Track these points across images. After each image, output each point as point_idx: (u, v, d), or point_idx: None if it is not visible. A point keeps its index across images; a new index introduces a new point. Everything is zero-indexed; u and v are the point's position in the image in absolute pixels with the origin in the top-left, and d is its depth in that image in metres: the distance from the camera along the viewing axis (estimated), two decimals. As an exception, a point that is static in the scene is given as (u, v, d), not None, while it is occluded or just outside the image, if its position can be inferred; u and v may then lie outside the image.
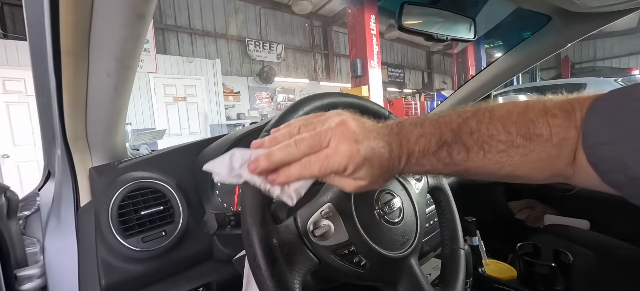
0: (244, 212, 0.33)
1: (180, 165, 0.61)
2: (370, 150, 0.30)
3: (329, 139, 0.30)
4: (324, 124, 0.31)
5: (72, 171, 0.55)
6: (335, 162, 0.30)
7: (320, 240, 0.36)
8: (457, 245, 0.51)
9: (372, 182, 0.32)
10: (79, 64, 0.37)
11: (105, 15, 0.32)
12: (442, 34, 0.72)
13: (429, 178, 0.52)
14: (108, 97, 0.44)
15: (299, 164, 0.30)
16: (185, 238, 0.53)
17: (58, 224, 0.59)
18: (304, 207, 0.38)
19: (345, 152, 0.29)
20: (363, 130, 0.31)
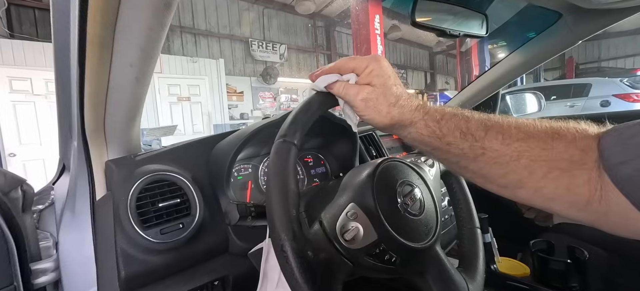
0: (274, 226, 0.32)
1: (196, 158, 0.61)
2: (392, 72, 0.37)
3: (362, 56, 0.39)
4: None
5: (89, 164, 0.55)
6: (359, 62, 0.38)
7: (351, 243, 0.36)
8: (473, 224, 0.51)
9: (384, 95, 0.36)
10: (104, 53, 0.37)
11: (132, 4, 0.32)
12: (454, 30, 0.72)
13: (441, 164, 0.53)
14: (129, 88, 0.44)
15: (334, 64, 0.40)
16: (202, 231, 0.53)
17: (73, 217, 0.59)
18: (326, 208, 0.38)
19: (370, 59, 0.37)
20: (392, 68, 0.38)
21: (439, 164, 0.52)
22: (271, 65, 7.00)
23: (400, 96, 0.36)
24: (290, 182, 0.34)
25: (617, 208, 0.26)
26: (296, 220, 0.33)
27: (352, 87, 0.37)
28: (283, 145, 0.36)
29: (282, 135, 0.37)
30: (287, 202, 0.33)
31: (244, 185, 0.70)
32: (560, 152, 0.29)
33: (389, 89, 0.36)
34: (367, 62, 0.37)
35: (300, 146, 0.37)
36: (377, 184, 0.40)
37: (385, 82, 0.36)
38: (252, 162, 0.73)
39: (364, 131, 0.89)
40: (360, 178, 0.41)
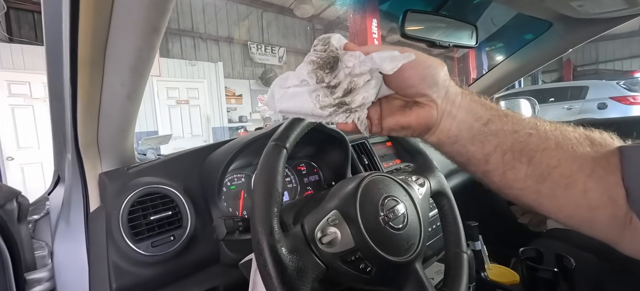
0: (254, 221, 0.34)
1: (188, 170, 0.62)
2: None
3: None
4: None
5: (83, 176, 0.56)
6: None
7: (327, 247, 0.37)
8: (460, 248, 0.51)
9: (427, 67, 0.30)
10: (95, 72, 0.38)
11: (122, 28, 0.33)
12: (444, 41, 0.73)
13: (431, 182, 0.53)
14: (121, 105, 0.45)
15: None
16: (193, 242, 0.54)
17: (67, 228, 0.60)
18: (310, 213, 0.39)
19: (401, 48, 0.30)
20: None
21: (430, 184, 0.52)
22: (270, 68, 7.02)
23: (442, 72, 0.32)
24: (275, 182, 0.36)
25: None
26: (276, 217, 0.35)
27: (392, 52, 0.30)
28: (274, 147, 0.38)
29: (275, 139, 0.39)
30: (270, 199, 0.35)
31: (237, 194, 0.71)
32: (584, 158, 0.29)
33: (430, 64, 0.31)
34: (401, 49, 0.30)
35: (291, 150, 0.39)
36: (362, 195, 0.41)
37: (422, 59, 0.31)
38: (245, 171, 0.73)
39: (356, 139, 0.90)
40: (346, 189, 0.42)
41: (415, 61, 0.29)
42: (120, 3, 0.30)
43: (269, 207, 0.34)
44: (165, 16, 0.33)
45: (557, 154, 0.30)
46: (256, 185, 0.36)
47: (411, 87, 0.31)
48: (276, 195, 0.35)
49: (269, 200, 0.34)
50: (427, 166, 0.55)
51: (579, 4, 0.72)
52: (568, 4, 0.72)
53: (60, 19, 0.33)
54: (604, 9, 0.75)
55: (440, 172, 0.56)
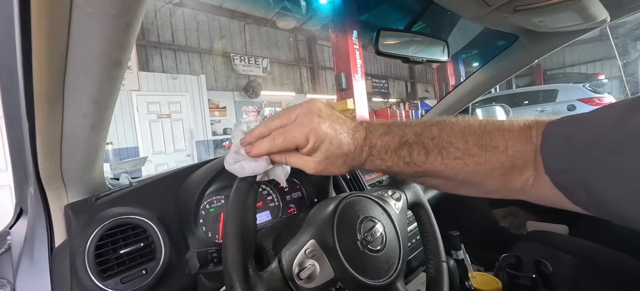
0: (226, 266, 0.32)
1: (163, 196, 0.60)
2: (331, 129, 0.34)
3: (296, 114, 0.35)
4: (296, 106, 0.36)
5: (46, 209, 0.53)
6: (297, 134, 0.34)
7: (306, 282, 0.36)
8: (439, 258, 0.52)
9: (332, 162, 0.35)
10: (54, 107, 0.36)
11: (80, 63, 0.32)
12: (417, 57, 0.75)
13: (407, 194, 0.53)
14: (85, 136, 0.43)
15: (268, 138, 0.35)
16: (168, 274, 0.51)
17: (31, 264, 0.56)
18: (288, 244, 0.38)
19: (307, 123, 0.33)
20: (330, 112, 0.35)
21: (407, 196, 0.53)
22: (254, 79, 7.00)
23: (346, 153, 0.35)
24: (247, 221, 0.35)
25: (548, 193, 0.31)
26: (250, 259, 0.33)
27: (299, 158, 0.36)
28: (241, 183, 0.37)
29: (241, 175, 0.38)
30: (242, 242, 0.33)
31: (217, 217, 0.69)
32: (493, 164, 0.33)
33: (334, 154, 0.35)
34: (304, 136, 0.33)
35: (259, 184, 0.38)
36: (339, 220, 0.41)
37: (328, 150, 0.34)
38: (224, 192, 0.72)
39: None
40: (322, 215, 0.42)
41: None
42: (77, 39, 0.29)
43: (240, 250, 0.33)
44: (127, 49, 0.32)
45: (448, 179, 0.36)
46: (226, 227, 0.34)
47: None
48: (248, 235, 0.34)
49: (241, 242, 0.33)
50: (405, 179, 0.56)
51: (540, 19, 0.77)
52: (530, 20, 0.77)
53: (14, 52, 0.32)
54: (563, 23, 0.81)
55: (416, 184, 0.57)
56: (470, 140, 0.33)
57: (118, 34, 0.29)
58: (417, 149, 0.35)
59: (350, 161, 0.36)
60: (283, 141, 0.34)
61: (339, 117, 0.36)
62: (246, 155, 0.36)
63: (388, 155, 0.36)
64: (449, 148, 0.34)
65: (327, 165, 0.35)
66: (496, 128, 0.33)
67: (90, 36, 0.29)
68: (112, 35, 0.29)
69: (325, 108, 0.36)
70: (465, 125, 0.35)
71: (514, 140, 0.32)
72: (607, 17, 0.82)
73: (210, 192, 0.66)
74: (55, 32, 0.28)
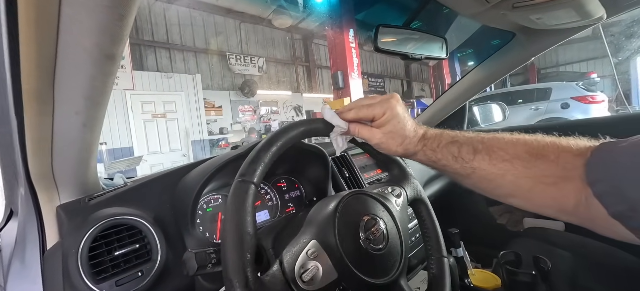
0: (226, 272, 0.31)
1: (159, 196, 0.59)
2: (402, 112, 0.43)
3: (379, 98, 0.44)
4: (380, 95, 0.45)
5: (37, 210, 0.51)
6: (378, 108, 0.43)
7: (309, 284, 0.35)
8: (441, 254, 0.52)
9: (393, 138, 0.43)
10: (43, 105, 0.35)
11: (70, 57, 0.30)
12: (416, 53, 0.75)
13: (407, 190, 0.53)
14: (77, 134, 0.42)
15: (356, 108, 0.44)
16: (164, 276, 0.50)
17: (22, 268, 0.54)
18: (289, 245, 0.37)
19: (386, 103, 0.43)
20: (404, 104, 0.44)
21: (407, 192, 0.53)
22: (250, 78, 6.96)
23: (406, 136, 0.43)
24: (246, 225, 0.33)
25: (599, 214, 0.31)
26: (250, 264, 0.32)
27: (368, 130, 0.44)
28: (241, 185, 0.36)
29: (241, 174, 0.37)
30: (242, 246, 0.32)
31: (214, 217, 0.68)
32: (542, 170, 0.33)
33: (397, 132, 0.43)
34: (383, 109, 0.43)
35: (259, 183, 0.37)
36: (340, 219, 0.40)
37: (395, 127, 0.43)
38: (221, 192, 0.70)
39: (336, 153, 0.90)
40: (323, 214, 0.41)
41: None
42: (67, 31, 0.27)
43: (241, 255, 0.31)
44: (120, 43, 0.31)
45: (494, 181, 0.37)
46: (225, 230, 0.33)
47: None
48: (248, 238, 0.33)
49: (241, 247, 0.32)
50: (402, 175, 0.55)
51: (537, 16, 0.77)
52: (527, 17, 0.77)
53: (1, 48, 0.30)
54: (560, 20, 0.81)
55: (416, 179, 0.56)
56: (520, 148, 0.35)
57: (110, 26, 0.28)
58: (466, 148, 0.38)
59: (407, 144, 0.43)
60: (366, 111, 0.43)
61: (408, 111, 0.45)
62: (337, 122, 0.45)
63: (439, 148, 0.41)
64: (497, 152, 0.36)
65: (389, 139, 0.43)
66: (550, 142, 0.35)
67: (81, 28, 0.28)
68: (104, 28, 0.28)
69: (400, 102, 0.45)
70: (518, 136, 0.37)
71: (567, 152, 0.33)
72: (604, 14, 0.82)
73: (207, 191, 0.65)
74: (44, 23, 0.26)
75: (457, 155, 0.39)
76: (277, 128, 1.24)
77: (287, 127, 0.43)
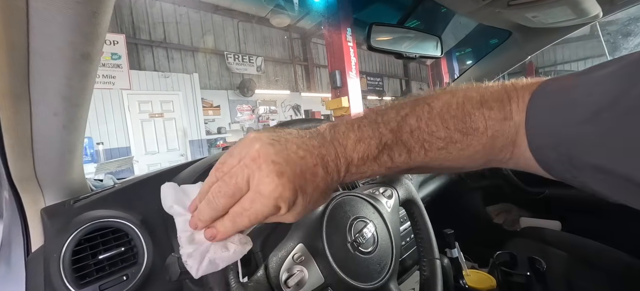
0: (206, 280, 0.30)
1: (147, 198, 0.57)
2: (299, 178, 0.26)
3: (247, 179, 0.26)
4: (239, 160, 0.26)
5: (22, 213, 0.50)
6: (262, 208, 0.26)
7: (295, 289, 0.34)
8: (433, 255, 0.51)
9: (314, 205, 0.29)
10: (20, 104, 0.34)
11: (44, 55, 0.29)
12: (410, 52, 0.74)
13: (399, 191, 0.52)
14: (58, 136, 0.41)
15: (228, 218, 0.27)
16: (151, 280, 0.49)
17: (8, 271, 0.53)
18: (274, 249, 0.36)
19: (269, 193, 0.25)
20: (285, 152, 0.26)
21: (398, 193, 0.52)
22: (248, 78, 6.93)
23: (326, 187, 0.29)
24: None
25: (523, 164, 0.29)
26: (232, 270, 0.31)
27: (276, 218, 0.28)
28: None
29: None
30: None
31: (205, 219, 0.67)
32: (475, 147, 0.30)
33: (313, 196, 0.28)
34: (272, 203, 0.26)
35: None
36: (328, 222, 0.39)
37: (305, 197, 0.27)
38: (212, 193, 0.69)
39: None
40: (311, 217, 0.40)
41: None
42: (38, 28, 0.26)
43: None
44: (96, 42, 0.30)
45: (434, 169, 0.34)
46: None
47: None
48: None
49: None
50: (394, 176, 0.54)
51: (533, 14, 0.76)
52: (523, 15, 0.76)
53: None
54: (556, 19, 0.80)
55: (409, 180, 0.55)
56: (451, 125, 0.30)
57: (83, 24, 0.27)
58: (398, 150, 0.30)
59: (329, 190, 0.30)
60: (249, 221, 0.27)
61: (297, 145, 0.27)
62: (207, 241, 0.27)
63: (367, 165, 0.30)
64: (430, 140, 0.30)
65: (310, 209, 0.29)
66: (475, 105, 0.30)
67: (52, 26, 0.26)
68: (76, 25, 0.27)
69: (277, 151, 0.26)
70: (442, 105, 0.30)
71: (493, 120, 0.29)
72: (600, 12, 0.82)
73: None
74: (12, 19, 0.25)
75: (390, 164, 0.31)
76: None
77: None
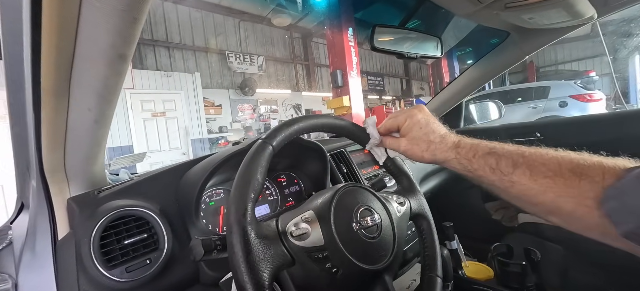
0: (230, 203, 0.35)
1: (163, 189, 0.61)
2: (424, 120, 0.46)
3: (404, 110, 0.48)
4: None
5: (49, 202, 0.53)
6: (399, 118, 0.47)
7: (296, 240, 0.38)
8: (434, 273, 0.51)
9: (417, 144, 0.45)
10: (60, 101, 0.38)
11: (87, 57, 0.33)
12: (412, 53, 0.77)
13: (412, 203, 0.53)
14: (88, 130, 0.44)
15: (387, 122, 0.50)
16: (171, 264, 0.53)
17: (33, 258, 0.56)
18: (288, 212, 0.41)
19: (407, 112, 0.47)
20: (427, 114, 0.47)
21: (411, 205, 0.53)
22: (249, 77, 6.97)
23: (431, 141, 0.44)
24: (256, 172, 0.38)
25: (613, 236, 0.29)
26: (252, 202, 0.36)
27: (394, 141, 0.49)
28: (262, 144, 0.40)
29: (262, 137, 0.42)
30: (248, 185, 0.36)
31: (216, 210, 0.70)
32: (585, 191, 0.30)
33: (420, 138, 0.45)
34: (405, 118, 0.47)
35: (278, 150, 0.41)
36: (338, 201, 0.42)
37: (417, 133, 0.45)
38: (224, 186, 0.73)
39: (334, 149, 0.92)
40: (323, 197, 0.44)
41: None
42: (85, 34, 0.30)
43: (246, 191, 0.36)
44: (132, 43, 0.33)
45: (534, 197, 0.35)
46: (238, 173, 0.38)
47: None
48: (255, 183, 0.37)
49: (247, 185, 0.36)
50: (410, 188, 0.55)
51: (529, 16, 0.79)
52: (520, 16, 0.79)
53: (22, 49, 0.33)
54: (552, 20, 0.83)
55: (422, 196, 0.56)
56: (564, 165, 0.32)
57: (124, 28, 0.31)
58: (505, 161, 0.36)
59: (434, 150, 0.44)
60: (392, 122, 0.48)
61: (436, 120, 0.47)
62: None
63: (475, 158, 0.40)
64: (539, 167, 0.34)
65: (413, 145, 0.46)
66: (596, 161, 0.31)
67: (98, 30, 0.30)
68: (118, 30, 0.30)
69: (427, 111, 0.47)
70: (562, 153, 0.34)
71: (611, 174, 0.29)
72: (594, 14, 0.85)
73: (209, 185, 0.68)
74: (64, 26, 0.29)
75: (495, 167, 0.37)
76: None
77: (328, 116, 0.48)
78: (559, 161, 0.33)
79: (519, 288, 0.75)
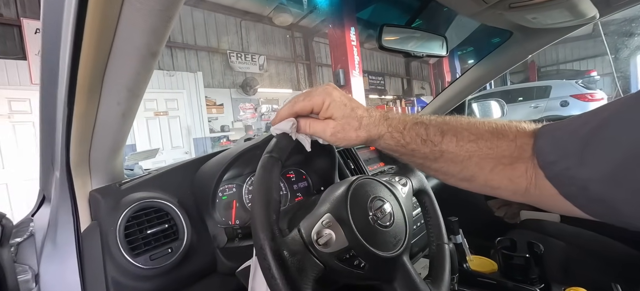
0: (255, 229, 0.36)
1: (181, 183, 0.63)
2: (345, 97, 0.41)
3: (315, 89, 0.42)
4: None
5: (72, 195, 0.56)
6: (314, 98, 0.41)
7: (324, 247, 0.40)
8: (442, 240, 0.56)
9: (348, 124, 0.40)
10: (92, 95, 0.40)
11: (122, 55, 0.35)
12: (418, 51, 0.79)
13: (413, 182, 0.57)
14: (115, 123, 0.46)
15: (289, 103, 0.43)
16: (190, 253, 0.55)
17: (54, 249, 0.59)
18: (305, 218, 0.42)
19: (322, 91, 0.41)
20: (341, 92, 0.42)
21: (412, 183, 0.56)
22: (251, 76, 6.99)
23: (361, 117, 0.41)
24: (272, 192, 0.39)
25: (549, 193, 0.33)
26: (275, 223, 0.38)
27: (318, 124, 0.42)
28: (269, 159, 0.42)
29: (268, 151, 0.43)
30: (269, 208, 0.38)
31: (229, 204, 0.73)
32: (503, 150, 0.35)
33: (349, 116, 0.41)
34: (322, 98, 0.41)
35: (284, 163, 0.43)
36: (351, 198, 0.44)
37: (343, 112, 0.41)
38: (236, 181, 0.75)
39: (342, 146, 0.94)
40: (336, 193, 0.46)
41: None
42: (123, 33, 0.32)
43: (268, 215, 0.37)
44: (163, 41, 0.35)
45: (460, 164, 0.38)
46: (255, 195, 0.39)
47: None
48: (274, 203, 0.38)
49: (268, 208, 0.37)
50: (408, 168, 0.59)
51: (533, 16, 0.81)
52: (523, 16, 0.81)
53: (58, 48, 0.35)
54: (554, 20, 0.85)
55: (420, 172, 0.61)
56: (484, 128, 0.36)
57: (159, 27, 0.33)
58: (433, 129, 0.38)
59: (366, 127, 0.41)
60: (303, 103, 0.42)
61: (349, 97, 0.43)
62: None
63: (406, 129, 0.39)
64: (463, 133, 0.36)
65: (344, 126, 0.41)
66: (508, 122, 0.36)
67: (135, 30, 0.32)
68: (154, 28, 0.33)
69: (337, 87, 0.43)
70: (477, 119, 0.38)
71: (522, 132, 0.34)
72: (596, 13, 0.87)
73: (222, 180, 0.70)
74: (106, 25, 0.31)
75: (425, 137, 0.38)
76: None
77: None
78: (478, 125, 0.36)
79: (522, 280, 0.78)
